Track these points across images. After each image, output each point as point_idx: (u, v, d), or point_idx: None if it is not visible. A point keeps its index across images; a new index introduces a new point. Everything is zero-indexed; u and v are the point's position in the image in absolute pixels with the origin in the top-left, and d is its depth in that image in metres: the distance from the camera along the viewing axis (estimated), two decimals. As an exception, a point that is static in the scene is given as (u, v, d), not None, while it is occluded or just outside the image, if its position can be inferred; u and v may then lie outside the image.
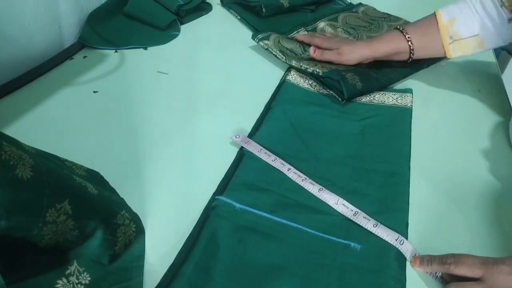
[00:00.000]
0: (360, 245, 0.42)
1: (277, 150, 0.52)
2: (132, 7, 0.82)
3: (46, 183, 0.31)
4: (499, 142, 0.56)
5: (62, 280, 0.33)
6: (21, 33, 0.62)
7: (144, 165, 0.51)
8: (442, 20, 0.60)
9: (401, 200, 0.47)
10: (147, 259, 0.40)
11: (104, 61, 0.70)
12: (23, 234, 0.29)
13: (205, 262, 0.39)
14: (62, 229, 0.32)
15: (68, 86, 0.63)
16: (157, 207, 0.46)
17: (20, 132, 0.52)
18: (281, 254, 0.41)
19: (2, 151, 0.28)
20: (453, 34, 0.60)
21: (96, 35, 0.75)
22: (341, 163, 0.51)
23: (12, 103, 0.59)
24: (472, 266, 0.37)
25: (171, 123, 0.58)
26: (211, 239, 0.41)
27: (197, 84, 0.66)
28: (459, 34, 0.60)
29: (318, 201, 0.46)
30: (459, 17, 0.59)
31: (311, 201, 0.46)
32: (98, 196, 0.37)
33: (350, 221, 0.44)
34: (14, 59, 0.63)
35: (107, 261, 0.37)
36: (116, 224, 0.38)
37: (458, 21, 0.59)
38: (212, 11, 0.90)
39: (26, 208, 0.29)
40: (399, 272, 0.39)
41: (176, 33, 0.79)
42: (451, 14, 0.60)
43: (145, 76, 0.67)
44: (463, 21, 0.59)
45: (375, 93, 0.63)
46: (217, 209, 0.44)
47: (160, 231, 0.43)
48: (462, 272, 0.37)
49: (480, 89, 0.66)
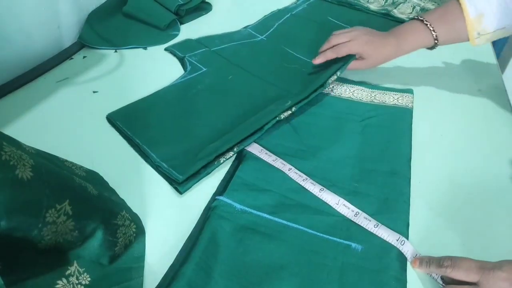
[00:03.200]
0: (361, 246, 0.42)
1: (277, 151, 0.52)
2: (132, 7, 0.82)
3: (46, 183, 0.31)
4: (500, 142, 0.56)
5: (62, 281, 0.33)
6: (21, 33, 0.62)
7: (144, 165, 0.51)
8: (470, 16, 0.56)
9: (401, 200, 0.47)
10: (147, 260, 0.40)
11: (103, 61, 0.70)
12: (23, 234, 0.29)
13: (205, 263, 0.39)
14: (62, 229, 0.32)
15: (68, 86, 0.63)
16: (157, 207, 0.46)
17: (20, 132, 0.52)
18: (282, 254, 0.41)
19: (2, 151, 0.28)
20: (481, 31, 0.56)
21: (95, 35, 0.74)
22: (341, 163, 0.51)
23: (12, 103, 0.59)
24: (468, 270, 0.36)
25: (171, 123, 0.58)
26: (211, 240, 0.41)
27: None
28: (487, 29, 0.56)
29: (319, 202, 0.46)
30: (488, 12, 0.55)
31: (311, 202, 0.46)
32: (98, 197, 0.37)
33: (351, 222, 0.44)
34: (14, 59, 0.62)
35: (107, 262, 0.37)
36: (116, 224, 0.38)
37: (487, 17, 0.55)
38: (212, 11, 0.90)
39: (26, 208, 0.29)
40: (400, 272, 0.39)
41: (175, 33, 0.79)
42: (479, 9, 0.55)
43: (145, 76, 0.67)
44: (492, 17, 0.55)
45: (376, 93, 0.63)
46: (217, 210, 0.44)
47: (160, 231, 0.43)
48: (458, 276, 0.37)
49: (480, 89, 0.66)
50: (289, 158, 0.51)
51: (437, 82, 0.68)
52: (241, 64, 0.69)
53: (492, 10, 0.55)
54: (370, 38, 0.62)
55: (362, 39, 0.61)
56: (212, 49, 0.72)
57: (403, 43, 0.60)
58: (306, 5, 0.90)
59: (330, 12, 0.87)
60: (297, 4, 0.91)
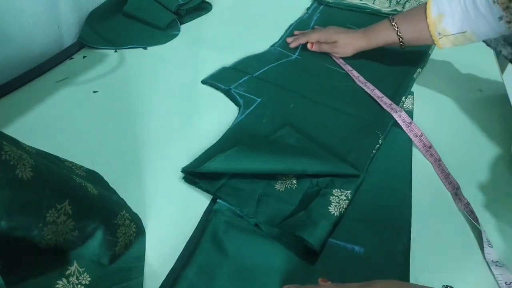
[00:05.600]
0: (363, 248, 0.41)
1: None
2: (132, 6, 0.82)
3: (47, 183, 0.31)
4: (500, 142, 0.56)
5: (62, 281, 0.33)
6: (21, 32, 0.62)
7: (144, 165, 0.51)
8: (432, 15, 0.59)
9: (404, 202, 0.47)
10: (147, 259, 0.40)
11: (103, 61, 0.70)
12: (23, 234, 0.29)
13: (208, 266, 0.39)
14: (62, 229, 0.32)
15: (68, 86, 0.63)
16: (157, 207, 0.46)
17: (20, 132, 0.52)
18: (284, 257, 0.41)
19: (3, 151, 0.28)
20: (441, 30, 0.59)
21: (95, 35, 0.74)
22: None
23: (12, 103, 0.59)
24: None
25: (171, 122, 0.58)
26: (214, 243, 0.41)
27: (197, 83, 0.66)
28: (448, 30, 0.58)
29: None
30: (448, 13, 0.57)
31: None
32: (98, 197, 0.37)
33: (353, 224, 0.44)
34: (14, 58, 0.62)
35: (107, 262, 0.37)
36: (116, 224, 0.38)
37: (447, 18, 0.58)
38: (212, 11, 0.90)
39: (26, 208, 0.29)
40: (404, 275, 0.39)
41: (176, 33, 0.79)
42: (441, 9, 0.58)
43: (145, 76, 0.67)
44: (451, 18, 0.57)
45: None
46: (219, 213, 0.44)
47: (160, 231, 0.43)
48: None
49: (481, 89, 0.66)
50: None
51: (437, 82, 0.68)
52: (293, 88, 0.64)
53: (452, 12, 0.57)
54: (344, 30, 0.72)
55: (336, 29, 0.73)
56: (254, 75, 0.67)
57: (373, 38, 0.67)
58: (319, 14, 0.89)
59: (344, 19, 0.85)
60: (309, 13, 0.90)
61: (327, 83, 0.66)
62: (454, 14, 0.57)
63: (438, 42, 0.61)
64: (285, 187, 0.48)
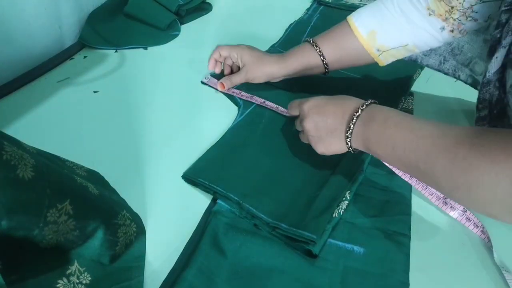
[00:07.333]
0: (363, 249, 0.41)
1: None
2: (132, 7, 0.82)
3: (47, 183, 0.31)
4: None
5: (62, 280, 0.33)
6: (22, 32, 0.62)
7: (144, 165, 0.51)
8: (362, 34, 0.54)
9: (403, 202, 0.47)
10: (148, 259, 0.40)
11: (104, 61, 0.70)
12: (24, 234, 0.29)
13: (207, 267, 0.39)
14: (63, 229, 0.32)
15: (69, 86, 0.63)
16: (157, 207, 0.46)
17: (20, 132, 0.53)
18: (283, 258, 0.41)
19: (4, 151, 0.28)
20: (379, 47, 0.55)
21: (96, 35, 0.75)
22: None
23: (13, 103, 0.59)
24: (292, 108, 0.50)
25: (172, 123, 0.58)
26: (213, 244, 0.41)
27: (197, 83, 0.66)
28: (386, 45, 0.54)
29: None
30: (379, 30, 0.53)
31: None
32: (99, 196, 0.37)
33: (352, 224, 0.44)
34: (15, 58, 0.63)
35: (108, 261, 0.37)
36: (117, 224, 0.38)
37: (380, 34, 0.54)
38: (212, 11, 0.90)
39: (27, 208, 0.29)
40: (404, 275, 0.39)
41: (176, 33, 0.80)
42: (369, 27, 0.54)
43: (145, 76, 0.67)
44: (386, 34, 0.53)
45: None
46: (218, 214, 0.44)
47: (160, 231, 0.43)
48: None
49: (480, 89, 0.66)
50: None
51: (437, 82, 0.68)
52: (293, 89, 0.64)
53: (384, 29, 0.53)
54: (251, 49, 0.63)
55: (241, 48, 0.62)
56: None
57: (289, 61, 0.60)
58: (319, 14, 0.89)
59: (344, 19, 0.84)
60: (309, 14, 0.90)
61: (327, 83, 0.66)
62: (387, 30, 0.53)
63: (379, 59, 0.56)
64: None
